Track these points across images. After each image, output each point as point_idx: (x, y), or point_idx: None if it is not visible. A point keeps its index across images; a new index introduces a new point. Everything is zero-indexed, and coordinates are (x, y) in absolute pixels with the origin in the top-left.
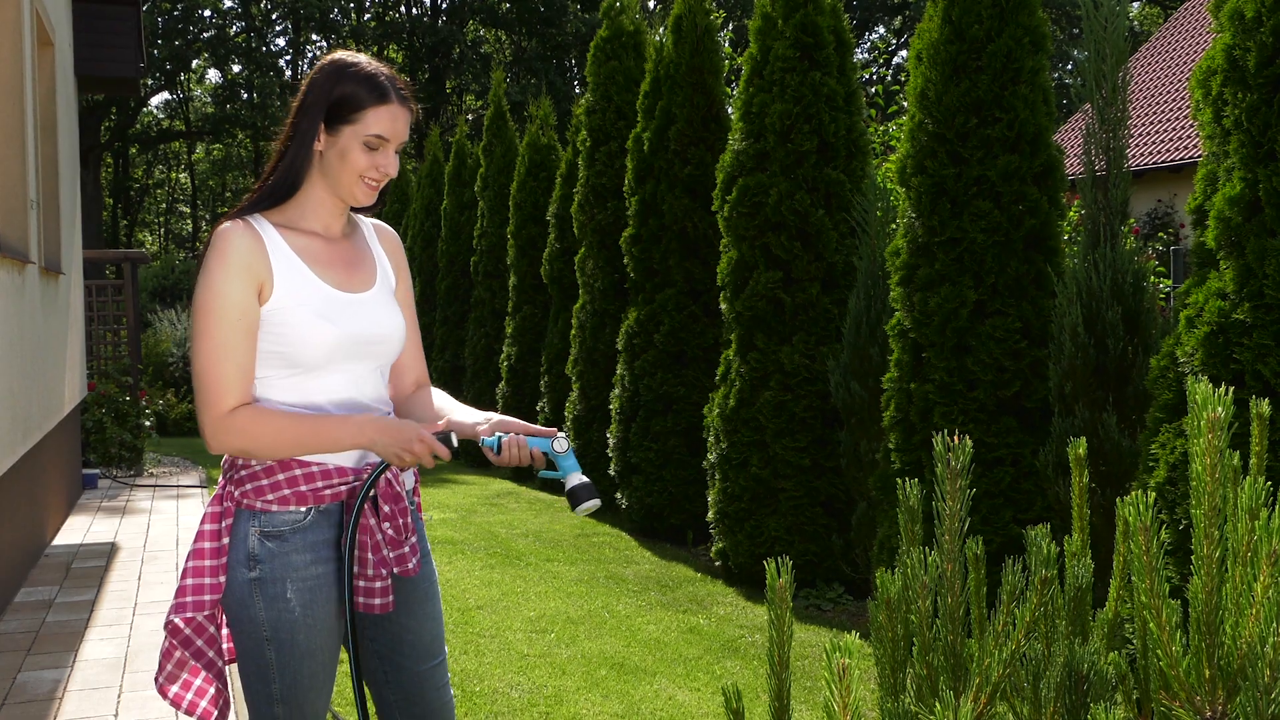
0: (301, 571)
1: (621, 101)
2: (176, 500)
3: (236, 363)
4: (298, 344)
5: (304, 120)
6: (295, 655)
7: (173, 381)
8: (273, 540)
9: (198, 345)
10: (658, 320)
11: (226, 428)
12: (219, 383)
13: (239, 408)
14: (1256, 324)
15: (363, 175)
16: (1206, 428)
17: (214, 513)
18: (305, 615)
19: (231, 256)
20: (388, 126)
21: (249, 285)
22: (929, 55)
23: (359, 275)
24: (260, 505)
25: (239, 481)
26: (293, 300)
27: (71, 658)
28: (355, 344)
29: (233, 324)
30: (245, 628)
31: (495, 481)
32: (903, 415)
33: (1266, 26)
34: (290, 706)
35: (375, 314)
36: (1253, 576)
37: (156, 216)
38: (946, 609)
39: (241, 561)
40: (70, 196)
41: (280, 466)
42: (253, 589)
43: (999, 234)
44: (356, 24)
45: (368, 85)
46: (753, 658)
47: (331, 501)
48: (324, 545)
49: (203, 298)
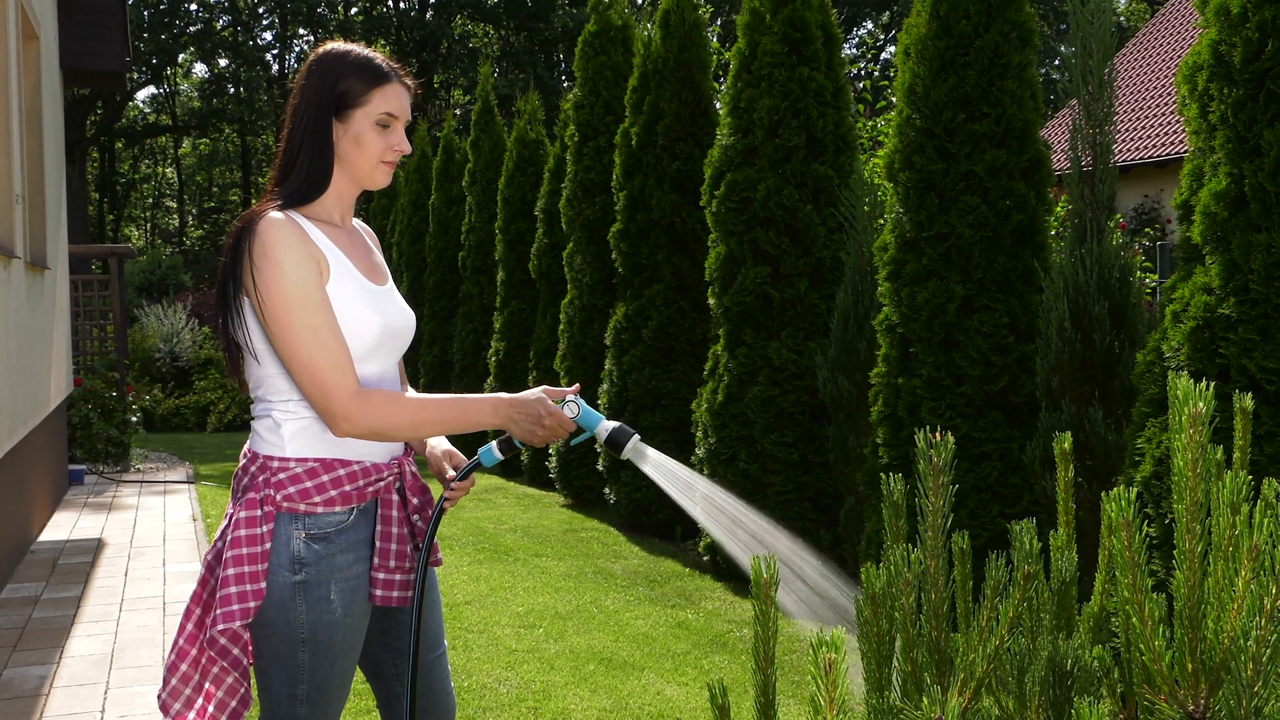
0: (345, 572)
1: (610, 96)
2: (163, 496)
3: (339, 341)
4: (348, 333)
5: (312, 117)
6: (331, 655)
7: (159, 377)
8: (319, 543)
9: (290, 336)
10: (646, 315)
11: (365, 408)
12: (335, 365)
13: (368, 389)
14: (1242, 319)
15: (380, 157)
16: (1188, 423)
17: (250, 516)
18: (346, 615)
19: (294, 244)
20: (395, 104)
21: (315, 269)
22: (917, 50)
23: (376, 268)
24: (305, 508)
25: (279, 485)
26: (341, 290)
27: (58, 654)
28: (391, 335)
29: (318, 305)
30: (280, 631)
31: (484, 477)
32: (890, 410)
33: (1252, 22)
34: (314, 706)
35: (400, 305)
36: (1234, 571)
37: (143, 211)
38: (930, 604)
39: (285, 566)
40: (56, 191)
41: (324, 468)
42: (296, 592)
43: (986, 229)
44: (344, 18)
45: (368, 69)
46: (741, 652)
47: (370, 499)
48: (362, 544)
49: (281, 289)
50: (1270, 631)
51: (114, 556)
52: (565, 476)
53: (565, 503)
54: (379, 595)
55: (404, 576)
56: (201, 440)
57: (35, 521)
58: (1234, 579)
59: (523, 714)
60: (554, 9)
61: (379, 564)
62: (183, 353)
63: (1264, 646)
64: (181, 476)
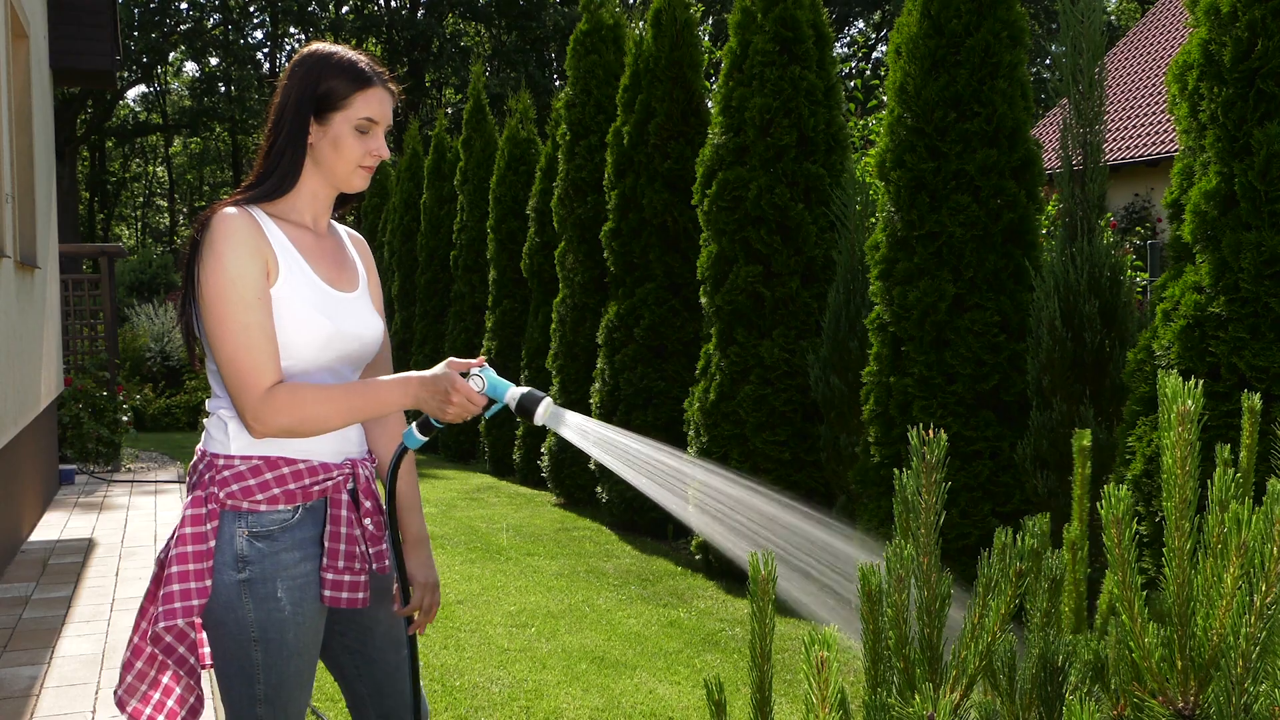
0: (291, 570)
1: (601, 95)
2: (154, 496)
3: (267, 340)
4: (292, 335)
5: (291, 115)
6: (284, 654)
7: (150, 376)
8: (262, 540)
9: (220, 330)
10: (638, 314)
11: (271, 407)
12: (254, 363)
13: (276, 385)
14: (1232, 317)
15: (358, 162)
16: (1177, 420)
17: (196, 515)
18: (295, 613)
19: (240, 239)
20: (376, 109)
21: (260, 267)
22: (908, 50)
23: (345, 274)
24: (248, 505)
25: (223, 482)
26: (290, 290)
27: (48, 654)
28: (344, 341)
29: (252, 304)
30: (230, 631)
31: (475, 476)
32: (882, 409)
33: (1242, 21)
34: (274, 706)
35: (362, 314)
36: (1223, 568)
37: (133, 210)
38: (923, 602)
39: (229, 564)
40: (46, 190)
41: (268, 465)
42: (241, 590)
43: (977, 228)
44: (335, 17)
45: (351, 72)
46: (733, 651)
47: (318, 498)
48: (310, 542)
49: (217, 282)
50: (1259, 629)
51: (105, 556)
52: (557, 475)
53: (557, 502)
54: (328, 596)
55: (354, 578)
56: (192, 440)
57: (26, 521)
58: (1223, 576)
59: (515, 713)
60: (545, 8)
61: (328, 564)
62: (173, 352)
63: (1253, 644)
64: (172, 476)
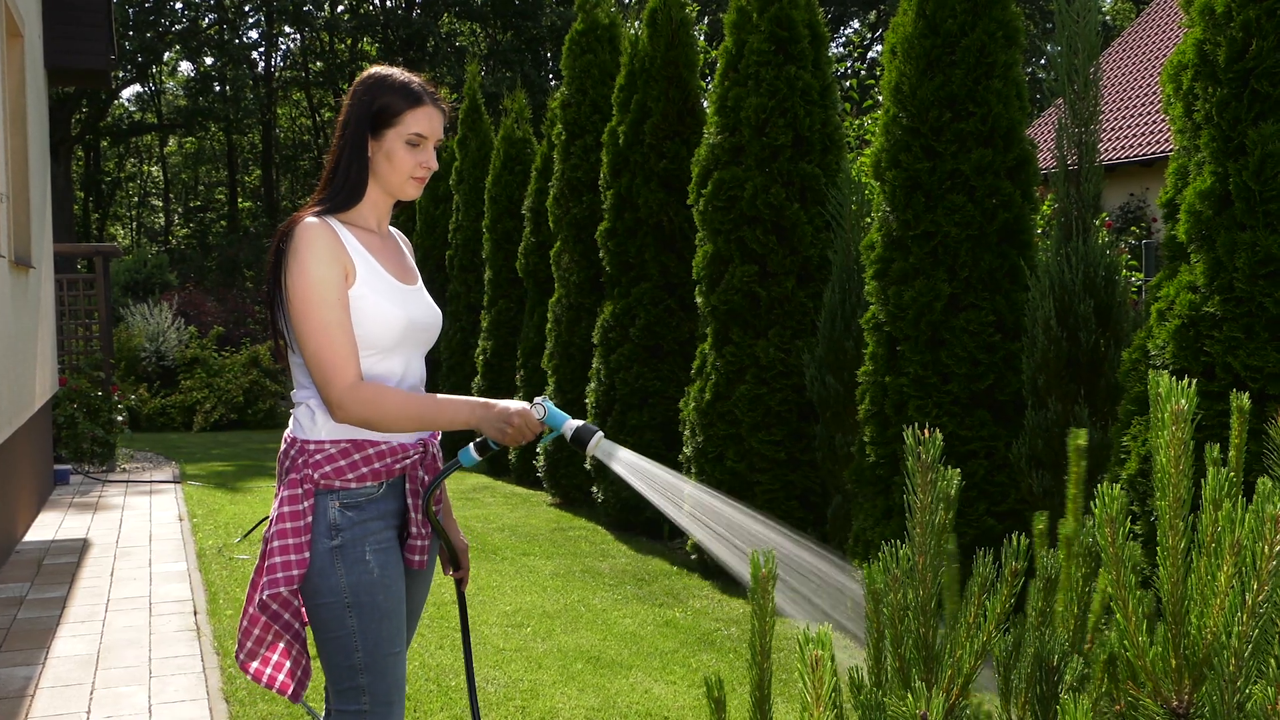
0: (377, 535)
1: (597, 95)
2: (149, 496)
3: (347, 338)
4: (373, 327)
5: (353, 132)
6: (376, 617)
7: (145, 376)
8: (352, 510)
9: (306, 328)
10: (633, 314)
11: (356, 398)
12: (339, 357)
13: (362, 382)
14: (1227, 317)
15: (410, 173)
16: (1170, 419)
17: (293, 494)
18: (382, 575)
19: (320, 246)
20: (425, 125)
21: (339, 271)
22: (903, 49)
23: (407, 270)
24: (340, 484)
25: (316, 464)
26: (368, 287)
27: (43, 655)
28: (416, 329)
29: (333, 304)
30: (326, 599)
31: (471, 476)
32: (877, 408)
33: (1236, 21)
34: (374, 675)
35: (426, 303)
36: (1217, 566)
37: (128, 210)
38: (919, 601)
39: (324, 533)
40: (41, 190)
41: (355, 447)
42: (334, 556)
43: (973, 228)
44: (331, 16)
45: (403, 92)
46: (728, 651)
47: (399, 475)
48: (393, 514)
49: (303, 286)
50: (1252, 627)
51: (100, 557)
52: (553, 475)
53: (553, 502)
54: (416, 560)
55: (423, 542)
56: (187, 440)
57: (20, 522)
58: (1216, 574)
59: (510, 713)
60: (541, 7)
61: (416, 531)
62: (168, 352)
63: (1246, 642)
64: (168, 476)
